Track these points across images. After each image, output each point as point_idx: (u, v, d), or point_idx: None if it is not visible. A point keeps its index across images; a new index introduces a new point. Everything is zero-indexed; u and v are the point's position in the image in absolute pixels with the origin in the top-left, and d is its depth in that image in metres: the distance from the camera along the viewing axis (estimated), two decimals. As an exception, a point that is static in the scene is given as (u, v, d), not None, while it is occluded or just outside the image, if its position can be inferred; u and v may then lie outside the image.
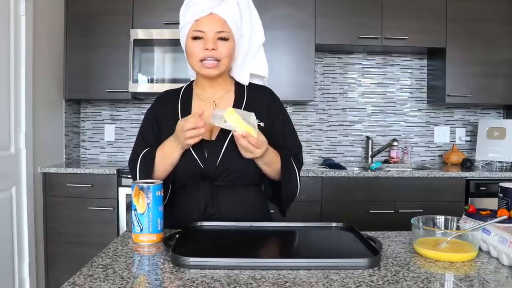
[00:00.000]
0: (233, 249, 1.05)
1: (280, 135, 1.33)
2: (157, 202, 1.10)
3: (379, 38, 2.99)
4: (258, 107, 1.28)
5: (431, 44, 3.06)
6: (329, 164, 2.99)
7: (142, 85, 2.90)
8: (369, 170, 2.90)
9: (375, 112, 3.42)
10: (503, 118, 3.42)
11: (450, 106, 3.40)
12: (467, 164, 3.00)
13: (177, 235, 1.10)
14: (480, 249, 1.05)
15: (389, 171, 2.83)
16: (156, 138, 1.31)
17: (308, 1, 2.97)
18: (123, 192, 2.67)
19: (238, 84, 1.36)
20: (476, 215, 1.12)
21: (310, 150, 3.39)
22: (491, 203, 2.26)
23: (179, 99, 1.35)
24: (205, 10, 1.20)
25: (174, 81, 2.90)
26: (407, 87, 3.42)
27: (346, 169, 2.86)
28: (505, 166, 3.04)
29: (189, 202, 1.28)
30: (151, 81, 2.92)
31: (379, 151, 3.26)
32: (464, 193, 2.74)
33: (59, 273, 2.71)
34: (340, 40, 3.01)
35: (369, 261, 0.92)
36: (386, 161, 3.32)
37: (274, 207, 1.39)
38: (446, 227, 1.12)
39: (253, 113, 1.14)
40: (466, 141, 3.42)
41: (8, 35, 2.35)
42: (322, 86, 3.39)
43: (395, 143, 3.27)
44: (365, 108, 3.41)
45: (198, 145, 1.20)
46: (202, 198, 1.25)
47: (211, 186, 1.24)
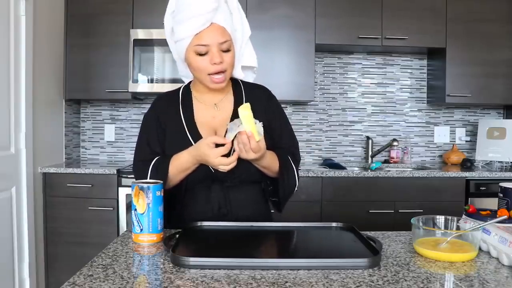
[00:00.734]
0: (233, 249, 1.05)
1: (277, 133, 1.34)
2: (157, 202, 1.10)
3: (379, 38, 2.99)
4: (256, 106, 1.26)
5: (431, 44, 3.06)
6: (329, 164, 3.00)
7: (142, 85, 2.90)
8: (369, 170, 2.90)
9: (375, 112, 3.42)
10: (503, 118, 3.42)
11: (450, 106, 3.40)
12: (467, 164, 3.00)
13: (177, 235, 1.10)
14: (480, 249, 1.05)
15: (389, 171, 2.83)
16: (160, 143, 1.29)
17: (308, 1, 2.97)
18: (123, 192, 2.67)
19: (234, 84, 1.37)
20: (476, 215, 1.12)
21: (310, 150, 3.39)
22: (491, 203, 2.26)
23: (180, 102, 1.34)
24: (205, 23, 1.16)
25: (174, 81, 2.90)
26: (407, 87, 3.42)
27: (346, 169, 2.86)
28: (505, 166, 3.04)
29: (200, 204, 1.29)
30: (151, 81, 2.92)
31: (379, 151, 3.27)
32: (464, 193, 2.74)
33: (59, 273, 2.71)
34: (340, 40, 3.01)
35: (369, 261, 0.92)
36: (386, 161, 3.32)
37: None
38: (446, 227, 1.12)
39: (261, 123, 1.15)
40: (466, 141, 3.42)
41: (8, 35, 2.35)
42: (322, 86, 3.39)
43: (395, 143, 3.27)
44: (365, 108, 3.41)
45: None
46: (214, 199, 1.27)
47: (222, 187, 1.27)
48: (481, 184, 2.73)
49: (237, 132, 1.13)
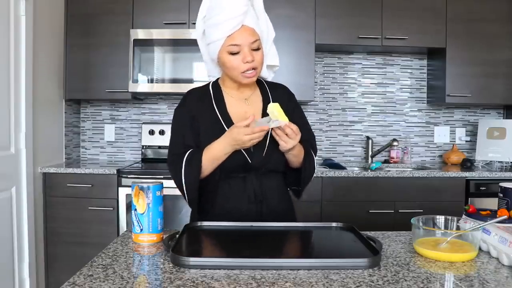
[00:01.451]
0: (233, 249, 1.05)
1: (297, 124, 1.42)
2: (157, 202, 1.10)
3: (379, 38, 2.99)
4: (281, 102, 1.38)
5: (431, 44, 3.06)
6: (329, 164, 3.00)
7: (142, 85, 2.90)
8: (369, 170, 2.90)
9: (375, 112, 3.42)
10: (503, 118, 3.42)
11: (450, 106, 3.40)
12: (467, 164, 3.00)
13: (177, 235, 1.10)
14: (480, 249, 1.05)
15: (389, 171, 2.83)
16: (194, 137, 1.36)
17: (308, 1, 2.96)
18: (123, 192, 2.67)
19: (258, 83, 1.47)
20: (476, 215, 1.12)
21: (310, 150, 3.38)
22: (491, 203, 2.26)
23: (212, 97, 1.41)
24: (238, 24, 1.27)
25: (174, 81, 2.90)
26: (407, 87, 3.42)
27: (346, 169, 2.86)
28: (505, 166, 3.04)
29: (236, 192, 1.36)
30: (151, 81, 2.92)
31: (379, 151, 3.27)
32: (464, 193, 2.74)
33: (59, 273, 2.71)
34: (340, 40, 3.01)
35: (369, 261, 0.92)
36: (386, 161, 3.32)
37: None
38: (446, 227, 1.12)
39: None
40: (466, 141, 3.42)
41: (8, 35, 2.35)
42: (322, 86, 3.39)
43: (395, 143, 3.27)
44: (365, 108, 3.41)
45: None
46: (249, 186, 1.35)
47: (257, 176, 1.35)
48: (481, 184, 2.73)
49: (270, 126, 1.23)
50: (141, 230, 1.09)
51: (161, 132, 3.21)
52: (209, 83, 1.46)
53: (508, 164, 3.06)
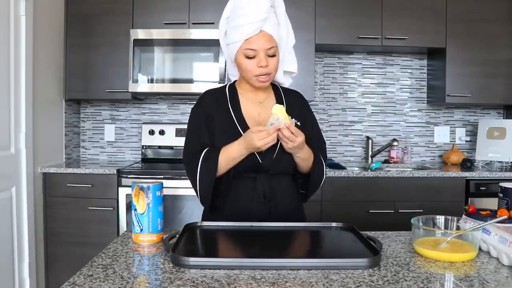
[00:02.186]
0: (233, 249, 1.05)
1: (310, 134, 1.46)
2: (157, 202, 1.10)
3: (379, 38, 2.99)
4: (294, 108, 1.43)
5: (431, 44, 3.06)
6: (329, 164, 2.99)
7: (142, 85, 2.90)
8: (369, 170, 2.90)
9: (375, 112, 3.42)
10: (503, 118, 3.42)
11: (450, 106, 3.40)
12: (467, 164, 3.00)
13: (177, 235, 1.10)
14: (480, 249, 1.05)
15: (389, 171, 2.83)
16: (210, 137, 1.39)
17: (308, 1, 2.97)
18: (123, 192, 2.67)
19: (274, 87, 1.50)
20: (476, 215, 1.12)
21: (310, 150, 3.38)
22: (491, 203, 2.26)
23: (227, 98, 1.44)
24: (256, 30, 1.30)
25: (174, 81, 2.90)
26: (407, 87, 3.42)
27: (346, 169, 2.86)
28: (505, 166, 3.04)
29: (246, 191, 1.38)
30: (151, 81, 2.92)
31: (379, 151, 3.27)
32: (464, 193, 2.74)
33: (59, 273, 2.71)
34: (340, 40, 3.01)
35: (369, 261, 0.92)
36: (386, 161, 3.32)
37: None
38: (446, 227, 1.12)
39: (293, 119, 1.29)
40: (466, 141, 3.42)
41: (8, 35, 2.35)
42: (322, 86, 3.39)
43: (395, 143, 3.27)
44: (365, 108, 3.41)
45: None
46: (259, 187, 1.37)
47: (267, 176, 1.37)
48: (481, 184, 2.73)
49: (274, 126, 1.25)
50: (141, 230, 1.09)
51: (161, 132, 3.21)
52: (226, 85, 1.49)
53: (508, 164, 3.06)
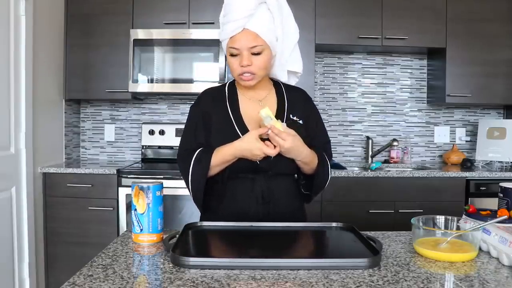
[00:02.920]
0: (233, 249, 1.05)
1: (313, 131, 1.45)
2: (157, 202, 1.10)
3: (379, 38, 2.99)
4: (296, 106, 1.43)
5: (431, 44, 3.06)
6: (330, 164, 2.99)
7: (142, 85, 2.90)
8: (369, 170, 2.90)
9: (375, 112, 3.42)
10: (503, 118, 3.42)
11: (450, 106, 3.40)
12: (467, 164, 3.00)
13: (177, 235, 1.10)
14: (480, 249, 1.05)
15: (389, 171, 2.83)
16: (206, 135, 1.37)
17: (308, 1, 2.97)
18: (123, 192, 2.67)
19: (276, 84, 1.47)
20: (476, 215, 1.12)
21: (310, 150, 3.38)
22: (491, 203, 2.26)
23: (226, 97, 1.42)
24: (238, 28, 1.27)
25: (174, 81, 2.90)
26: (407, 87, 3.42)
27: (346, 169, 2.86)
28: (505, 166, 3.04)
29: (244, 193, 1.35)
30: (151, 81, 2.92)
31: (379, 151, 3.26)
32: (464, 193, 2.74)
33: (59, 273, 2.71)
34: (340, 40, 3.01)
35: (369, 261, 0.92)
36: (386, 161, 3.32)
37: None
38: (446, 227, 1.12)
39: (283, 123, 1.28)
40: (466, 141, 3.42)
41: (8, 35, 2.35)
42: (322, 86, 3.39)
43: (395, 143, 3.27)
44: (365, 108, 3.41)
45: None
46: (258, 188, 1.34)
47: (266, 177, 1.34)
48: (481, 184, 2.73)
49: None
50: (141, 230, 1.09)
51: (161, 132, 3.21)
52: (227, 83, 1.47)
53: (508, 164, 3.06)
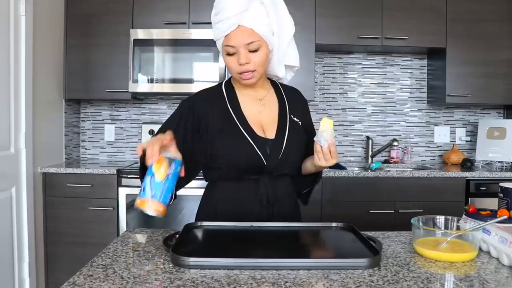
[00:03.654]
0: (233, 249, 1.05)
1: (309, 132, 1.45)
2: (175, 177, 1.06)
3: (379, 38, 2.99)
4: (295, 106, 1.41)
5: (431, 44, 3.06)
6: (329, 164, 2.99)
7: (142, 85, 2.90)
8: (369, 170, 2.90)
9: (375, 112, 3.42)
10: (503, 118, 3.42)
11: (450, 106, 3.40)
12: (467, 164, 2.99)
13: (177, 235, 1.10)
14: (480, 249, 1.05)
15: (389, 171, 2.83)
16: (186, 134, 1.32)
17: (308, 1, 2.96)
18: (123, 192, 2.67)
19: (273, 84, 1.45)
20: (476, 215, 1.12)
21: (310, 150, 3.38)
22: (491, 203, 2.26)
23: (225, 96, 1.38)
24: (232, 25, 1.23)
25: (174, 81, 2.90)
26: (407, 87, 3.42)
27: (346, 169, 2.86)
28: (505, 166, 3.04)
29: (248, 195, 1.32)
30: (151, 81, 2.92)
31: (379, 151, 3.26)
32: (464, 193, 2.74)
33: (59, 273, 2.71)
34: (340, 40, 3.01)
35: (369, 261, 0.92)
36: (386, 161, 3.32)
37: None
38: (446, 227, 1.12)
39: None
40: (466, 141, 3.42)
41: (8, 35, 2.35)
42: (322, 86, 3.39)
43: (395, 143, 3.27)
44: (365, 108, 3.41)
45: (260, 142, 1.29)
46: (262, 189, 1.31)
47: (271, 178, 1.32)
48: (481, 184, 2.73)
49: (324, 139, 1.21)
50: (152, 196, 1.02)
51: (161, 132, 3.20)
52: (221, 82, 1.43)
53: (508, 164, 3.06)
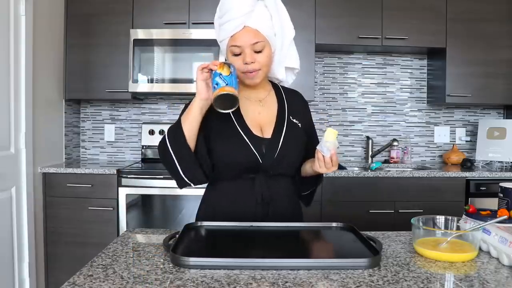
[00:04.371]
0: (233, 249, 1.05)
1: (310, 133, 1.46)
2: (235, 75, 1.21)
3: (379, 38, 2.99)
4: (295, 108, 1.42)
5: (431, 44, 3.06)
6: (329, 164, 2.99)
7: (142, 85, 2.90)
8: (369, 170, 2.90)
9: (375, 112, 3.42)
10: (503, 118, 3.42)
11: (450, 106, 3.40)
12: (467, 164, 2.99)
13: (177, 235, 1.10)
14: (480, 249, 1.05)
15: (389, 171, 2.83)
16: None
17: (308, 1, 2.97)
18: (123, 192, 2.66)
19: (274, 86, 1.46)
20: (476, 215, 1.12)
21: (310, 150, 3.38)
22: (491, 203, 2.26)
23: None
24: (239, 25, 1.27)
25: (174, 81, 2.90)
26: (407, 87, 3.42)
27: (346, 169, 2.86)
28: (505, 166, 3.04)
29: (244, 193, 1.34)
30: (151, 81, 2.92)
31: (379, 151, 3.26)
32: (464, 193, 2.74)
33: (59, 273, 2.71)
34: (340, 40, 3.01)
35: (369, 261, 0.92)
36: (386, 161, 3.32)
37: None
38: (446, 227, 1.12)
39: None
40: (466, 141, 3.42)
41: (8, 35, 2.35)
42: (322, 86, 3.39)
43: (395, 143, 3.27)
44: (365, 108, 3.41)
45: (256, 141, 1.31)
46: (258, 188, 1.32)
47: (267, 178, 1.33)
48: (481, 184, 2.73)
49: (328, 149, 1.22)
50: (227, 84, 1.16)
51: (161, 132, 3.21)
52: None
53: (508, 164, 3.06)
